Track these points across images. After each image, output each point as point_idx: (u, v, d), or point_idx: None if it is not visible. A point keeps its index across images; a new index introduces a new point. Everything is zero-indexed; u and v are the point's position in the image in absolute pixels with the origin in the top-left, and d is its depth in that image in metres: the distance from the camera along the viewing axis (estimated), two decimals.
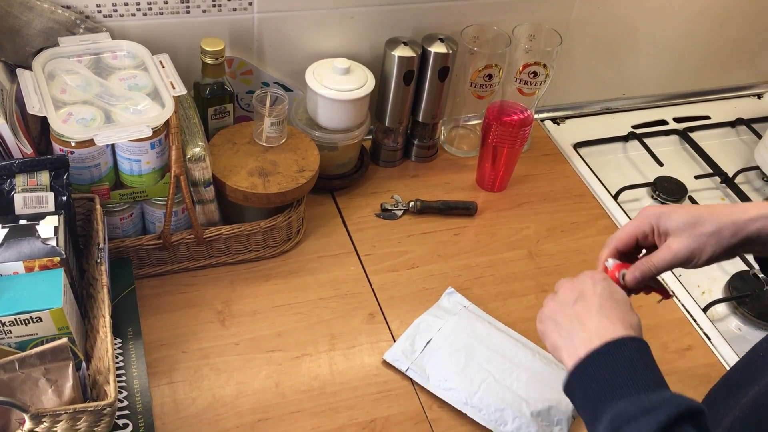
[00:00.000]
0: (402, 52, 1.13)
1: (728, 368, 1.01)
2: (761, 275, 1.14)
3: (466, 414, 0.91)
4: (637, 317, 0.72)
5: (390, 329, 1.01)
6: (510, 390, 0.91)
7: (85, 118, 0.90)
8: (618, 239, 0.79)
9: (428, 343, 0.97)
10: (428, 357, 0.96)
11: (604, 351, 0.68)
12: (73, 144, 0.89)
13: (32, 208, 0.85)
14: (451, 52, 1.14)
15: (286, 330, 0.99)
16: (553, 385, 0.92)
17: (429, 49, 1.14)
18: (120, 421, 0.84)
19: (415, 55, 1.13)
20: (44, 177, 0.87)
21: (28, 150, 0.90)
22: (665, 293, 0.82)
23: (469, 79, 1.20)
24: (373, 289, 1.06)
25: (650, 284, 0.80)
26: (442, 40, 1.15)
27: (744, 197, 1.30)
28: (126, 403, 0.86)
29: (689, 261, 0.75)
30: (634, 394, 0.64)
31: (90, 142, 0.88)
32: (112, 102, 0.92)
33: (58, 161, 0.88)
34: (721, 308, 1.12)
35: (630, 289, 0.79)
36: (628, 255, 0.81)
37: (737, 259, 1.15)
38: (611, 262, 0.80)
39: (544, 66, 1.20)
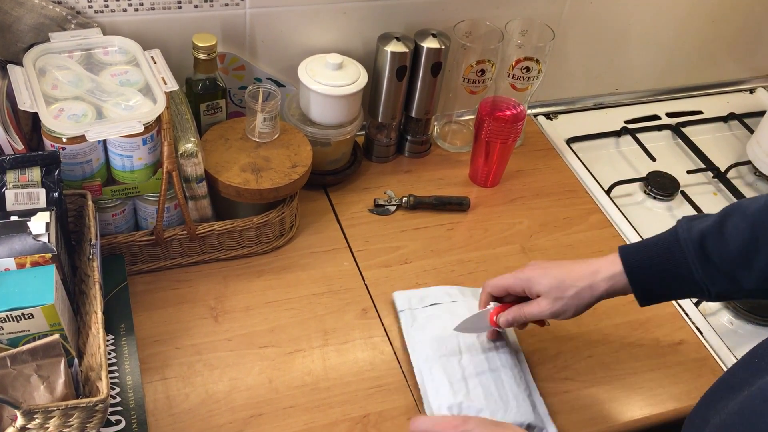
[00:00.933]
0: (395, 47, 1.13)
1: (720, 363, 1.02)
2: None
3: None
4: (513, 426, 0.80)
5: (383, 324, 1.01)
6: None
7: (76, 114, 0.90)
8: (493, 287, 0.92)
9: (434, 304, 0.98)
10: (426, 318, 0.97)
11: None
12: (64, 140, 0.89)
13: (23, 204, 0.85)
14: (443, 47, 1.14)
15: (279, 326, 0.99)
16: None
17: (422, 44, 1.14)
18: (112, 418, 0.84)
19: (407, 51, 1.13)
20: (35, 173, 0.87)
21: (20, 146, 0.89)
22: (540, 323, 0.93)
23: (461, 75, 1.20)
24: (366, 285, 1.06)
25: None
26: (434, 36, 1.15)
27: (736, 192, 1.30)
28: (118, 399, 0.86)
29: (555, 317, 0.87)
30: None
31: (81, 138, 0.88)
32: (103, 98, 0.92)
33: (49, 157, 0.87)
34: (713, 302, 1.13)
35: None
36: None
37: None
38: (492, 306, 0.93)
39: (537, 61, 1.20)
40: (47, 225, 0.82)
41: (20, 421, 0.71)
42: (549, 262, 0.89)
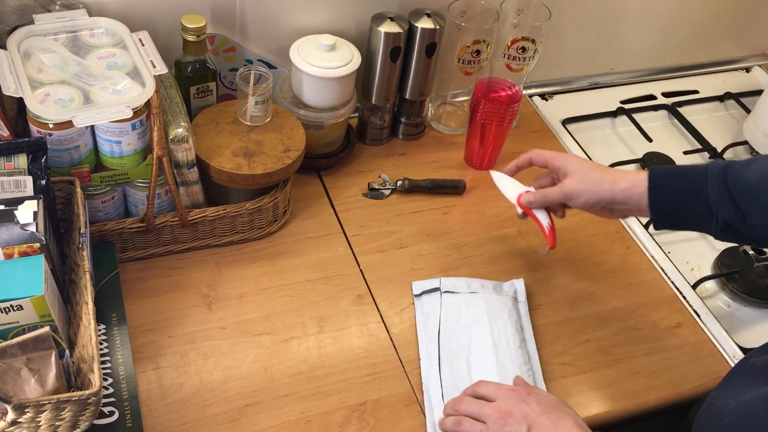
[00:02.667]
0: (388, 27, 1.10)
1: (718, 346, 1.02)
2: (750, 251, 1.14)
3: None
4: (578, 417, 0.80)
5: (379, 311, 1.00)
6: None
7: (63, 98, 0.87)
8: (536, 154, 0.98)
9: (450, 292, 1.00)
10: (440, 306, 0.98)
11: None
12: (51, 126, 0.87)
13: (10, 192, 0.83)
14: (438, 27, 1.12)
15: (274, 313, 0.97)
16: None
17: (416, 24, 1.12)
18: (106, 409, 0.83)
19: (401, 31, 1.11)
20: (22, 160, 0.85)
21: (5, 132, 0.87)
22: (545, 232, 0.97)
23: (456, 55, 1.18)
24: (361, 270, 1.04)
25: (538, 214, 0.98)
26: (429, 16, 1.13)
27: None
28: (111, 390, 0.85)
29: (571, 197, 0.93)
30: None
31: (68, 124, 0.86)
32: (90, 82, 0.90)
33: (35, 144, 0.85)
34: (711, 285, 1.12)
35: (523, 211, 0.99)
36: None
37: None
38: (525, 188, 0.99)
39: (533, 41, 1.18)
40: (35, 214, 0.80)
41: (11, 415, 0.69)
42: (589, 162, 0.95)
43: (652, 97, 1.44)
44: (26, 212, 0.80)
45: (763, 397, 0.71)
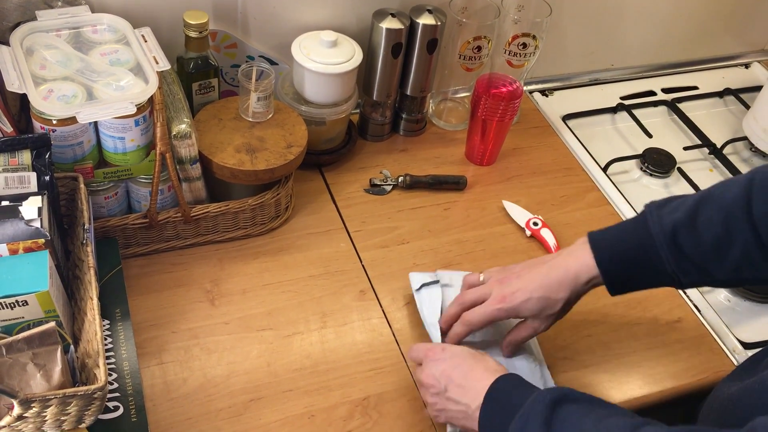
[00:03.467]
0: (390, 24, 1.10)
1: (718, 340, 1.02)
2: None
3: None
4: (489, 357, 0.83)
5: (381, 306, 1.00)
6: None
7: (66, 94, 0.87)
8: (478, 324, 0.89)
9: (447, 286, 0.99)
10: (439, 299, 0.97)
11: (486, 402, 0.77)
12: (54, 122, 0.87)
13: (14, 188, 0.83)
14: (439, 23, 1.12)
15: (277, 308, 0.98)
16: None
17: (417, 20, 1.12)
18: (110, 404, 0.83)
19: (403, 27, 1.11)
20: (26, 156, 0.85)
21: (8, 129, 0.87)
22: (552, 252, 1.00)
23: (457, 51, 1.18)
24: (363, 266, 1.05)
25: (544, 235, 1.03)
26: (430, 12, 1.13)
27: (732, 168, 1.30)
28: (116, 385, 0.85)
29: (547, 329, 0.89)
30: (515, 417, 0.72)
31: (72, 120, 0.86)
32: (93, 78, 0.90)
33: (39, 140, 0.85)
34: None
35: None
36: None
37: None
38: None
39: (534, 37, 1.18)
40: (39, 210, 0.80)
41: (17, 410, 0.70)
42: (521, 277, 0.87)
43: (651, 93, 1.44)
44: (31, 208, 0.80)
45: (759, 379, 0.71)
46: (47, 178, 0.85)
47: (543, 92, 1.40)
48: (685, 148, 1.33)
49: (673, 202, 0.83)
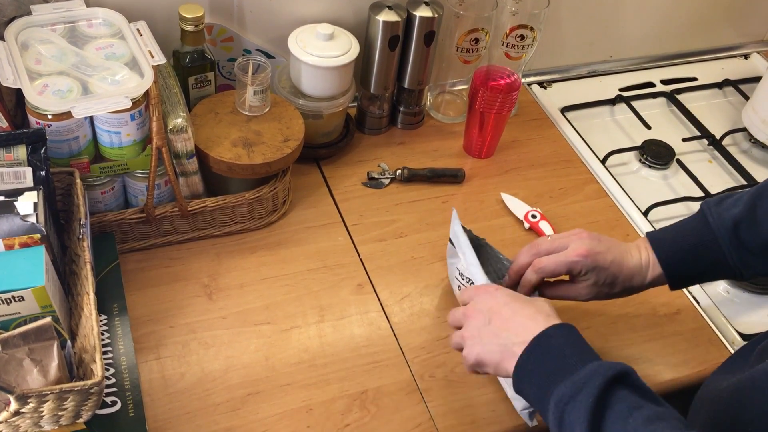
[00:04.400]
0: (387, 16, 1.10)
1: (717, 332, 1.02)
2: None
3: (459, 378, 0.91)
4: (548, 304, 0.79)
5: (379, 299, 1.00)
6: None
7: (61, 89, 0.87)
8: (552, 271, 0.87)
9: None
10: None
11: (533, 345, 0.73)
12: (49, 116, 0.86)
13: (10, 183, 0.83)
14: (436, 15, 1.12)
15: (275, 302, 0.98)
16: None
17: (414, 13, 1.11)
18: (108, 399, 0.83)
19: (400, 20, 1.10)
20: (21, 151, 0.85)
21: (4, 124, 0.87)
22: None
23: (455, 44, 1.18)
24: (361, 260, 1.04)
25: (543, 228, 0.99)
26: (427, 4, 1.12)
27: (732, 160, 1.30)
28: (113, 380, 0.85)
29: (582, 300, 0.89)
30: (567, 376, 0.69)
31: (67, 115, 0.86)
32: (89, 72, 0.90)
33: (34, 135, 0.85)
34: None
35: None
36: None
37: None
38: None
39: (532, 29, 1.18)
40: (35, 205, 0.80)
41: (14, 405, 0.70)
42: (609, 246, 0.86)
43: (650, 85, 1.44)
44: (26, 203, 0.80)
45: (750, 377, 0.71)
46: (43, 173, 0.85)
47: (541, 84, 1.39)
48: (684, 140, 1.32)
49: (728, 199, 0.85)
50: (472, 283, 0.90)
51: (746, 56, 1.55)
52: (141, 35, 0.94)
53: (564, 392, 0.68)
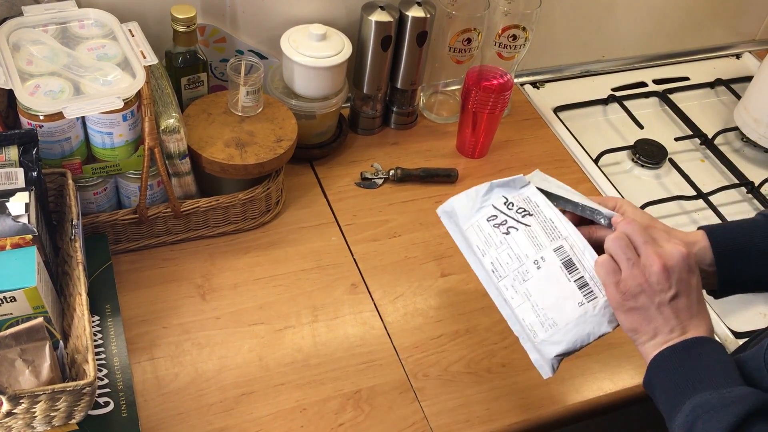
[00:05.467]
0: (379, 16, 1.10)
1: (725, 325, 1.02)
2: None
3: (452, 377, 0.91)
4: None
5: (373, 299, 1.00)
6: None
7: (53, 90, 0.87)
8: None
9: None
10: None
11: (687, 346, 0.73)
12: (41, 117, 0.86)
13: (1, 184, 0.82)
14: (429, 16, 1.12)
15: (268, 303, 0.98)
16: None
17: (406, 13, 1.12)
18: (101, 400, 0.83)
19: (392, 20, 1.11)
20: (13, 152, 0.85)
21: None
22: None
23: (447, 44, 1.18)
24: (354, 260, 1.05)
25: None
26: (419, 4, 1.12)
27: (724, 159, 1.30)
28: (106, 381, 0.85)
29: None
30: (714, 388, 0.69)
31: (59, 115, 0.85)
32: (80, 73, 0.89)
33: (26, 135, 0.85)
34: None
35: None
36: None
37: None
38: None
39: (524, 29, 1.18)
40: (27, 206, 0.80)
41: (6, 406, 0.70)
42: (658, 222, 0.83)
43: (643, 85, 1.44)
44: (18, 204, 0.80)
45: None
46: (35, 174, 0.84)
47: (534, 84, 1.39)
48: (677, 139, 1.33)
49: None
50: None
51: (738, 56, 1.55)
52: (133, 36, 0.94)
53: (708, 401, 0.68)
